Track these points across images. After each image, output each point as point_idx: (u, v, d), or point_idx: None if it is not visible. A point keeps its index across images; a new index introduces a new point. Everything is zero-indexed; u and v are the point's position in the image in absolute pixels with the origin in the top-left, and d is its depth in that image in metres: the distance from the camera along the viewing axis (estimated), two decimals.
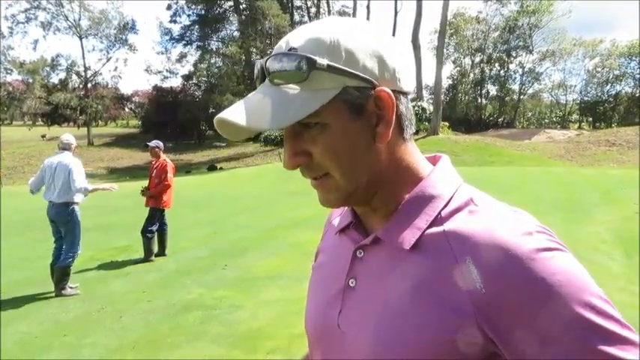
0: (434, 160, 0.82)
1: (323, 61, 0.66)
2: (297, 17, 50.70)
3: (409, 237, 0.71)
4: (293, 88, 0.67)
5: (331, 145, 0.69)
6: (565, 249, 0.66)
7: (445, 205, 0.72)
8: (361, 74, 0.68)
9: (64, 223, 5.64)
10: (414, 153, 0.77)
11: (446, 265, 0.67)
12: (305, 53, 0.67)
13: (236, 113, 0.67)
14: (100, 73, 49.72)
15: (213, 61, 46.34)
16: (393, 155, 0.75)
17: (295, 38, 0.70)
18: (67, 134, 6.04)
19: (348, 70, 0.67)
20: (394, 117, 0.71)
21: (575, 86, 62.85)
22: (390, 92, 0.70)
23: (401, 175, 0.75)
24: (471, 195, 0.74)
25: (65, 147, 5.81)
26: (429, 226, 0.71)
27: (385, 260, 0.74)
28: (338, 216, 0.91)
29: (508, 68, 51.95)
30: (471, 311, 0.64)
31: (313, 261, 0.96)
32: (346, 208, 0.86)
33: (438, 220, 0.71)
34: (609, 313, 0.62)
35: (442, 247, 0.68)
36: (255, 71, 0.73)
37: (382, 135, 0.71)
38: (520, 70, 52.04)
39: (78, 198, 5.69)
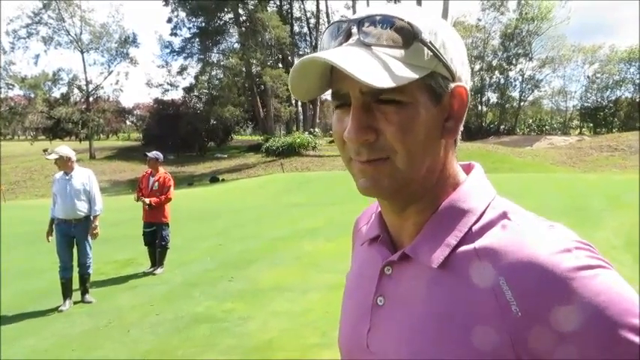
0: (467, 169, 0.78)
1: (427, 36, 0.64)
2: (296, 28, 50.99)
3: (438, 255, 0.67)
4: (387, 54, 0.64)
5: (406, 127, 0.65)
6: (609, 266, 0.61)
7: (477, 220, 0.68)
8: (450, 65, 0.67)
9: None
10: (455, 160, 0.75)
11: (477, 287, 0.63)
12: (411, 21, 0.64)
13: (346, 62, 0.60)
14: (102, 87, 49.86)
15: (214, 73, 46.53)
16: (446, 158, 0.72)
17: (391, 11, 0.66)
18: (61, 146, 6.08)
19: (443, 55, 0.66)
20: (464, 116, 0.71)
21: (575, 92, 62.92)
22: (468, 90, 0.70)
23: (443, 181, 0.72)
24: (505, 208, 0.69)
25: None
26: (460, 243, 0.67)
27: (414, 279, 0.70)
28: (365, 224, 0.86)
29: (508, 75, 52.02)
30: (507, 337, 0.59)
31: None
32: (373, 217, 0.82)
33: (468, 237, 0.67)
34: None
35: (473, 267, 0.64)
36: (335, 29, 0.69)
37: (451, 130, 0.70)
38: (520, 78, 52.07)
39: (54, 213, 5.73)
